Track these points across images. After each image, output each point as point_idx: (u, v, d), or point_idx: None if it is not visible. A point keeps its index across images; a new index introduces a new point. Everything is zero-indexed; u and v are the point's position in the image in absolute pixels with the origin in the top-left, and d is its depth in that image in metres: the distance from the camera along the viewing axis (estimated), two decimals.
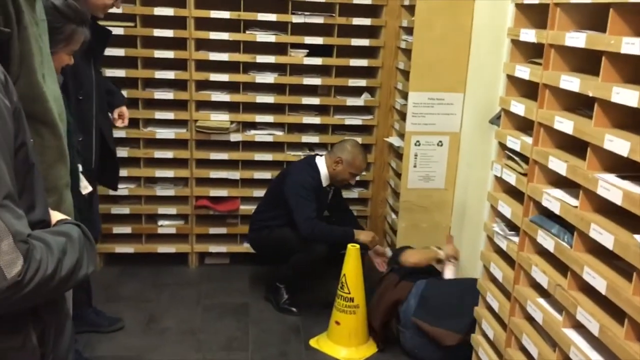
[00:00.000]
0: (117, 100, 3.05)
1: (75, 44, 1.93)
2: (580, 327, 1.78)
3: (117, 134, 3.63)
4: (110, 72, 3.52)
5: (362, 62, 3.74)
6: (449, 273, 3.22)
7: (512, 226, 2.22)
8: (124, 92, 3.52)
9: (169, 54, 3.55)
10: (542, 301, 2.01)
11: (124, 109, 3.04)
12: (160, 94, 3.61)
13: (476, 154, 3.34)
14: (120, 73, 3.53)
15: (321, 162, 3.42)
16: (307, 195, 3.30)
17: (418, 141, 3.59)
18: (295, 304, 3.42)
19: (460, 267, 3.40)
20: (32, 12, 1.39)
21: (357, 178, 3.63)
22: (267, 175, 3.79)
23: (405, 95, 3.57)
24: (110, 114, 3.02)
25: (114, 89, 3.09)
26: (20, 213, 0.94)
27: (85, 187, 2.19)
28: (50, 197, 1.45)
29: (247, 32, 3.59)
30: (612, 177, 1.66)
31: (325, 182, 3.43)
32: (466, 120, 3.53)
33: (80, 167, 2.14)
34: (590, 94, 1.70)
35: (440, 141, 3.62)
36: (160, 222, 3.83)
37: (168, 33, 3.52)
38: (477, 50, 3.34)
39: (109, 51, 3.50)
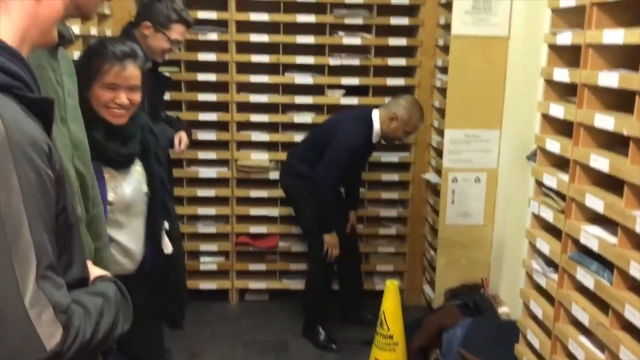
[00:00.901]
0: (177, 127, 3.09)
1: (105, 76, 1.85)
2: None
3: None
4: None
5: (399, 82, 3.79)
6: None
7: (550, 263, 2.22)
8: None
9: (212, 97, 3.70)
10: (583, 339, 2.00)
11: (182, 133, 3.04)
12: (203, 135, 3.74)
13: (514, 190, 3.35)
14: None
15: (375, 117, 3.29)
16: (347, 160, 3.23)
17: (455, 178, 3.61)
18: (334, 341, 3.44)
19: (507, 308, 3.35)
20: (49, 58, 1.48)
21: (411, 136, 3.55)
22: None
23: (441, 133, 3.62)
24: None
25: (172, 118, 3.18)
26: (60, 282, 0.95)
27: (166, 246, 2.07)
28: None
29: (286, 74, 3.72)
30: None
31: (375, 138, 3.32)
32: (503, 157, 3.55)
33: (166, 225, 2.06)
34: (625, 133, 1.72)
35: (478, 177, 3.64)
36: (202, 259, 3.92)
37: (211, 77, 3.67)
38: (513, 87, 3.38)
39: None
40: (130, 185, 1.95)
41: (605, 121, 1.82)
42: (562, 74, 2.11)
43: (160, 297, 2.06)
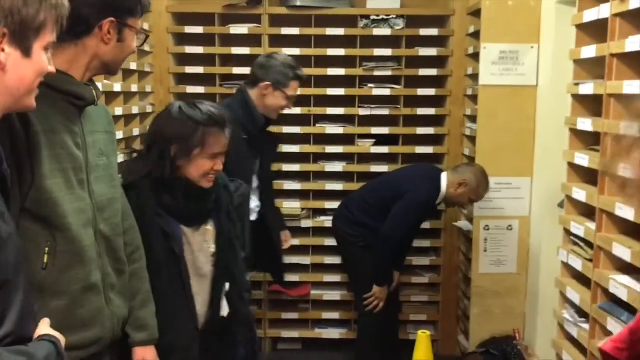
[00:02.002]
0: (281, 226, 3.28)
1: (212, 147, 1.85)
2: None
3: None
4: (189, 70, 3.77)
5: (428, 150, 3.85)
6: None
7: (582, 313, 2.19)
8: None
9: None
10: None
11: (287, 233, 3.28)
12: None
13: (546, 238, 3.31)
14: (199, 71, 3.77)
15: (444, 179, 3.29)
16: (417, 217, 3.28)
17: (487, 225, 3.60)
18: None
19: (536, 356, 3.29)
20: (65, 121, 1.48)
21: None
22: (336, 260, 3.87)
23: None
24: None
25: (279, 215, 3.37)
26: None
27: (222, 309, 2.00)
28: (59, 300, 1.48)
29: (317, 125, 3.81)
30: None
31: (439, 200, 3.33)
32: (535, 204, 3.53)
33: (227, 287, 1.99)
34: None
35: (510, 225, 3.62)
36: None
37: None
38: (542, 135, 3.39)
39: None
40: (197, 243, 1.92)
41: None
42: (585, 124, 2.13)
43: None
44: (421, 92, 3.78)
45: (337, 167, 3.85)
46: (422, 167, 3.54)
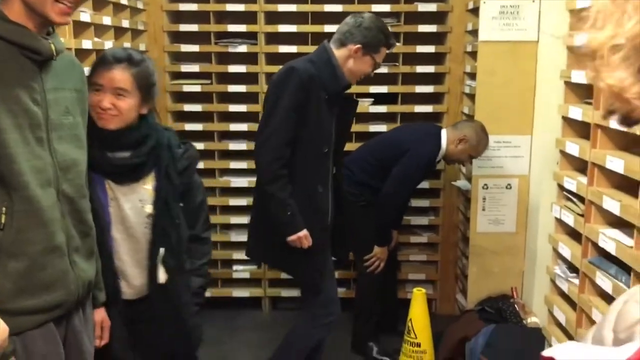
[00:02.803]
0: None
1: (94, 77, 1.79)
2: None
3: (194, 108, 3.80)
4: (189, 127, 3.78)
5: (427, 108, 3.80)
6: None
7: (573, 268, 2.18)
8: (201, 145, 3.77)
9: (242, 108, 3.78)
10: None
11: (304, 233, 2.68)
12: (234, 145, 3.83)
13: (545, 197, 3.28)
14: (198, 127, 3.79)
15: (444, 136, 3.26)
16: (419, 176, 3.26)
17: (486, 184, 3.57)
18: (388, 353, 3.35)
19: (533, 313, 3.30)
20: (22, 77, 1.41)
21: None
22: None
23: None
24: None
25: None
26: None
27: (159, 276, 1.89)
28: (17, 262, 1.44)
29: None
30: None
31: (439, 157, 3.30)
32: (535, 163, 3.49)
33: (161, 252, 1.88)
34: (639, 133, 1.69)
35: (509, 184, 3.58)
36: (235, 267, 3.99)
37: (241, 88, 3.76)
38: (542, 92, 3.33)
39: (188, 107, 3.80)
40: (129, 202, 1.83)
41: None
42: (580, 76, 2.07)
43: (158, 331, 1.92)
44: (420, 49, 3.72)
45: None
46: (421, 125, 3.51)
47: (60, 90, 1.53)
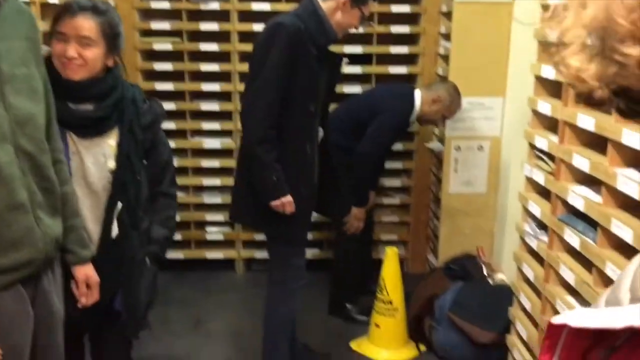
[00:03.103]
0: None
1: (58, 25, 1.74)
2: None
3: (167, 86, 3.74)
4: (159, 86, 3.71)
5: (402, 70, 3.79)
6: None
7: (542, 226, 2.22)
8: (172, 105, 3.71)
9: (214, 67, 3.71)
10: (571, 299, 2.00)
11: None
12: (206, 106, 3.77)
13: (517, 158, 3.32)
14: (168, 86, 3.71)
15: (418, 97, 3.25)
16: (392, 136, 3.26)
17: (458, 146, 3.60)
18: (364, 312, 3.37)
19: (504, 271, 3.37)
20: None
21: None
22: None
23: None
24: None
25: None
26: None
27: (112, 230, 1.85)
28: None
29: None
30: (631, 172, 1.65)
31: (413, 117, 3.28)
32: (506, 124, 3.52)
33: (118, 206, 1.84)
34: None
35: (481, 145, 3.62)
36: (208, 229, 3.98)
37: (213, 47, 3.68)
38: (517, 53, 3.34)
39: (158, 66, 3.71)
40: (92, 156, 1.79)
41: None
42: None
43: (107, 287, 1.85)
44: (395, 8, 3.68)
45: None
46: (395, 86, 3.50)
47: (10, 39, 1.45)
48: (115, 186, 1.82)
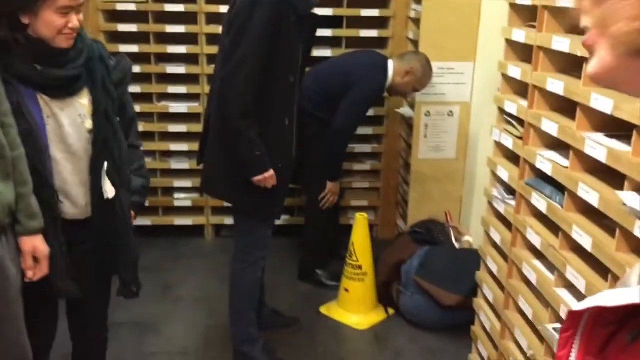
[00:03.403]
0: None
1: (62, 0, 1.66)
2: (571, 287, 1.80)
3: (134, 89, 3.68)
4: (123, 48, 3.59)
5: (372, 33, 3.74)
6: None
7: (510, 190, 2.23)
8: (137, 68, 3.61)
9: (180, 29, 3.61)
10: (537, 262, 2.03)
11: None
12: (173, 69, 3.68)
13: (486, 124, 3.33)
14: (133, 48, 3.60)
15: (391, 68, 3.21)
16: (367, 107, 3.24)
17: (428, 111, 3.59)
18: (334, 277, 3.38)
19: (472, 235, 3.42)
20: None
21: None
22: None
23: None
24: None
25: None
26: None
27: (106, 191, 1.83)
28: None
29: None
30: (599, 136, 1.66)
31: (385, 88, 3.27)
32: (476, 90, 3.52)
33: (105, 166, 1.83)
34: (579, 54, 1.70)
35: (451, 111, 3.61)
36: (176, 195, 3.92)
37: (179, 8, 3.57)
38: (488, 18, 3.32)
39: (123, 27, 3.59)
40: (68, 118, 1.75)
41: (563, 43, 1.79)
42: None
43: (103, 249, 1.88)
44: None
45: None
46: (368, 55, 3.42)
47: None
48: (97, 146, 1.79)
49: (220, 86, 2.30)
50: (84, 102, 1.78)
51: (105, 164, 1.81)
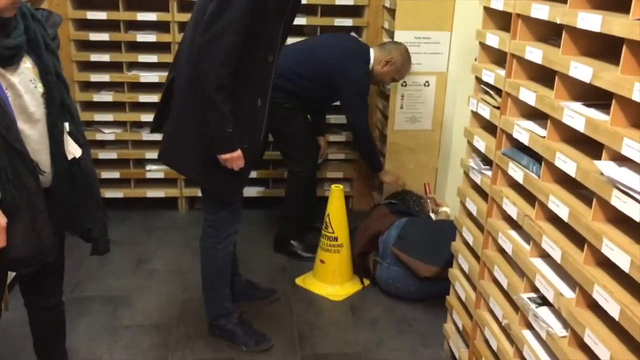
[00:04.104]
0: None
1: None
2: (546, 256, 1.80)
3: (102, 77, 3.61)
4: (91, 15, 3.47)
5: (348, 1, 3.67)
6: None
7: (487, 161, 2.22)
8: (106, 35, 3.50)
9: None
10: (512, 233, 2.03)
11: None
12: (143, 37, 3.56)
13: (462, 94, 3.31)
14: (101, 15, 3.48)
15: (372, 55, 3.21)
16: (366, 97, 3.24)
17: (404, 82, 3.55)
18: (310, 249, 3.37)
19: (448, 208, 3.42)
20: None
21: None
22: None
23: (392, 35, 3.52)
24: None
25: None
26: None
27: (70, 151, 1.80)
28: None
29: None
30: (577, 105, 1.65)
31: None
32: (453, 60, 3.49)
33: (67, 127, 1.78)
34: (558, 21, 1.67)
35: (427, 81, 3.59)
36: (148, 167, 3.84)
37: None
38: None
39: None
40: (23, 86, 1.68)
41: (541, 10, 1.76)
42: None
43: (69, 210, 1.84)
44: None
45: None
46: (351, 41, 3.38)
47: None
48: (54, 108, 1.73)
49: (198, 53, 2.16)
50: (28, 66, 1.72)
51: (66, 124, 1.77)
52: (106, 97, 3.66)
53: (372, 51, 3.23)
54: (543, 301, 1.82)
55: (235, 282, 2.84)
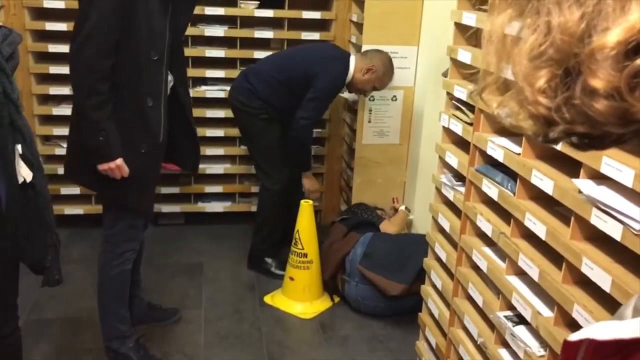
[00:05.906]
0: None
1: None
2: (522, 274, 1.79)
3: (61, 90, 3.50)
4: (50, 26, 3.35)
5: (315, 15, 3.65)
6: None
7: (459, 177, 2.21)
8: (66, 47, 3.37)
9: None
10: (487, 250, 2.02)
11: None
12: None
13: (430, 108, 3.32)
14: (61, 27, 3.38)
15: (352, 63, 3.16)
16: (331, 99, 3.19)
17: (372, 96, 3.54)
18: (284, 266, 3.25)
19: (414, 222, 3.42)
20: None
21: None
22: (219, 132, 3.72)
23: (359, 49, 3.51)
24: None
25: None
26: None
27: (22, 174, 1.72)
28: None
29: None
30: None
31: (345, 82, 3.20)
32: (420, 74, 3.50)
33: (19, 149, 1.71)
34: None
35: (395, 96, 3.58)
36: None
37: None
38: (431, 1, 3.29)
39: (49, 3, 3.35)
40: None
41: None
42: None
43: (17, 238, 1.75)
44: None
45: (219, 31, 3.56)
46: (332, 48, 3.37)
47: None
48: (2, 128, 1.65)
49: (69, 61, 2.13)
50: None
51: (19, 146, 1.69)
52: (66, 110, 3.53)
53: (353, 58, 3.19)
54: (520, 320, 1.81)
55: (134, 305, 2.72)
